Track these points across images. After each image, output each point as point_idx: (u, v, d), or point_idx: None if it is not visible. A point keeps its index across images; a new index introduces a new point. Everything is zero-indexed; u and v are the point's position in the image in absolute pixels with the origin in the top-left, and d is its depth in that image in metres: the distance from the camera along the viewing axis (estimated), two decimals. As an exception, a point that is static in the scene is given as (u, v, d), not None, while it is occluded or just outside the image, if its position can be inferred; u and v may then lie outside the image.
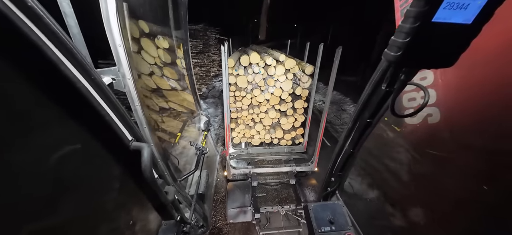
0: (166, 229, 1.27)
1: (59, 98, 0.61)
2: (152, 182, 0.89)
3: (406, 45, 0.54)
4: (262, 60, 3.14)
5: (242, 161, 3.61)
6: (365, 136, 1.07)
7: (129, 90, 1.18)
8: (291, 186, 3.32)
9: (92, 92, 0.65)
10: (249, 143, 3.94)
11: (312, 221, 1.24)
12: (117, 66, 1.11)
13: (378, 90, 0.83)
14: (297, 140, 3.85)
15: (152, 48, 1.67)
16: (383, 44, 0.58)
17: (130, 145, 0.84)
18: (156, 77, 1.73)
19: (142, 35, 1.51)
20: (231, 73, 3.09)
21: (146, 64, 1.61)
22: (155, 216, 1.25)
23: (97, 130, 0.74)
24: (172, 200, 1.14)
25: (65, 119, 0.64)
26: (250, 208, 2.92)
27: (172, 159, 1.82)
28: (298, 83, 3.30)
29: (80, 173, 0.73)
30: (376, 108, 0.89)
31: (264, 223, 3.40)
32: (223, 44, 2.54)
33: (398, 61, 0.59)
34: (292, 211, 3.01)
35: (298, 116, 3.59)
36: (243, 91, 3.27)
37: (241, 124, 3.66)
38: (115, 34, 1.02)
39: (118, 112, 0.78)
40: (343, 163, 1.30)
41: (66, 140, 0.66)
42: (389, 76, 0.73)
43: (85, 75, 0.63)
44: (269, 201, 3.11)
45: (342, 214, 1.28)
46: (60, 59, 0.55)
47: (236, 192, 3.11)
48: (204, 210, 2.14)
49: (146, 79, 1.56)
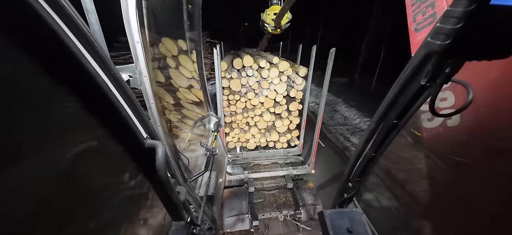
0: (177, 230, 1.26)
1: (80, 93, 0.61)
2: (166, 181, 0.89)
3: (456, 32, 0.46)
4: (255, 63, 3.09)
5: (238, 166, 3.51)
6: (389, 139, 0.98)
7: (145, 88, 1.20)
8: (289, 190, 3.26)
9: (111, 88, 0.66)
10: (244, 147, 3.85)
11: (328, 229, 1.14)
12: (134, 63, 1.13)
13: (409, 87, 0.74)
14: (293, 142, 3.81)
15: (173, 47, 1.68)
16: (373, 45, 0.51)
17: (145, 142, 0.83)
18: (173, 75, 1.75)
19: (161, 35, 1.54)
20: (224, 76, 3.01)
21: (164, 63, 1.62)
22: (166, 217, 1.25)
23: (114, 125, 0.74)
24: (184, 200, 1.14)
25: (84, 113, 0.65)
26: (247, 215, 2.82)
27: (183, 159, 1.77)
28: (292, 86, 3.28)
29: (97, 167, 0.73)
30: (406, 107, 0.80)
31: (263, 231, 3.30)
32: (215, 47, 2.47)
33: (445, 51, 0.51)
34: (290, 216, 2.94)
35: (293, 119, 3.56)
36: (237, 94, 3.20)
37: (235, 128, 3.57)
38: (133, 31, 1.04)
39: (135, 109, 0.78)
40: (363, 167, 1.20)
41: (85, 134, 0.67)
42: (430, 69, 0.63)
43: (105, 70, 0.64)
44: (267, 206, 3.02)
45: (361, 223, 1.18)
46: (82, 53, 0.55)
47: (233, 199, 2.99)
48: (213, 212, 2.10)
49: (162, 77, 1.56)
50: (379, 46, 8.99)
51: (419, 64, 0.68)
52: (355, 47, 10.22)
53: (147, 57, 1.15)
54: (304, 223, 3.03)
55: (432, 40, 0.54)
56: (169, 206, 1.18)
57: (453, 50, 0.51)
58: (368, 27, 9.54)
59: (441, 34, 0.50)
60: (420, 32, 1.37)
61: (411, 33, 1.45)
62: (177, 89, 1.92)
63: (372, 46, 9.52)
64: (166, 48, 1.65)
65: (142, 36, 1.09)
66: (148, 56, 1.19)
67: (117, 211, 0.86)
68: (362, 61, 10.20)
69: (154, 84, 1.29)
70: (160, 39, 1.55)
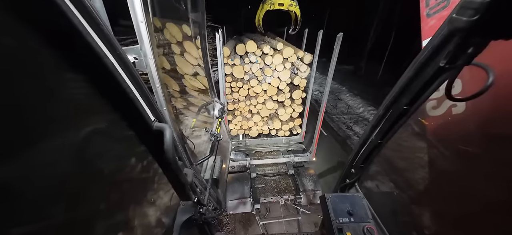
0: (184, 208, 1.34)
1: (87, 73, 0.60)
2: (174, 162, 0.91)
3: (487, 6, 0.42)
4: (258, 49, 3.00)
5: (240, 153, 3.58)
6: (398, 125, 0.95)
7: (151, 71, 1.17)
8: (290, 176, 3.35)
9: (118, 69, 0.64)
10: (247, 134, 3.89)
11: (330, 211, 1.19)
12: (139, 45, 1.10)
13: (426, 70, 0.69)
14: (295, 131, 3.83)
15: (177, 31, 1.63)
16: (381, 31, 0.47)
17: (153, 125, 0.84)
18: (178, 61, 1.73)
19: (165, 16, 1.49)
20: (227, 63, 2.95)
21: (168, 47, 1.60)
22: (174, 197, 1.32)
23: (122, 108, 0.74)
24: (191, 182, 1.18)
25: (92, 96, 0.64)
26: (249, 199, 2.94)
27: (189, 143, 1.84)
28: (296, 73, 3.21)
29: (107, 150, 0.75)
30: (419, 92, 0.76)
31: (264, 213, 3.46)
32: (218, 31, 2.39)
33: (472, 28, 0.47)
34: (291, 201, 3.05)
35: (296, 107, 3.54)
36: (239, 82, 3.16)
37: (238, 115, 3.58)
38: (137, 9, 1.00)
39: (142, 91, 0.77)
40: (367, 154, 1.20)
41: (95, 117, 0.67)
42: (452, 49, 0.58)
43: (111, 50, 0.62)
44: (268, 191, 3.13)
45: (362, 207, 1.22)
46: (87, 30, 0.53)
47: (235, 184, 3.11)
48: (218, 194, 2.21)
49: (166, 62, 1.54)
50: (389, 33, 8.54)
51: (440, 43, 0.62)
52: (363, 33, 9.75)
53: (151, 39, 1.12)
54: (304, 207, 3.16)
55: (457, 16, 0.50)
56: (177, 187, 1.22)
57: (481, 27, 0.47)
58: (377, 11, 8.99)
59: (469, 9, 0.46)
60: (432, 17, 1.31)
61: (423, 18, 1.39)
62: (183, 76, 1.91)
63: (380, 33, 9.06)
64: (170, 33, 1.61)
65: (146, 16, 1.05)
66: (153, 38, 1.16)
67: (129, 192, 0.89)
68: (369, 48, 9.79)
69: (160, 67, 1.27)
70: (164, 22, 1.50)
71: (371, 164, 1.30)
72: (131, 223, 0.91)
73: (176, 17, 1.68)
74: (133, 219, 0.92)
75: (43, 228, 0.51)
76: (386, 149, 1.16)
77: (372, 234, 1.11)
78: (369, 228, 1.13)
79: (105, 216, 0.75)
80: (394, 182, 1.27)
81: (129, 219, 0.90)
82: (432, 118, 1.03)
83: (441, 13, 1.25)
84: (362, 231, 1.13)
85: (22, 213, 0.46)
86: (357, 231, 1.13)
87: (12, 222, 0.44)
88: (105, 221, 0.75)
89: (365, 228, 1.13)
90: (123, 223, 0.86)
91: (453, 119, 0.95)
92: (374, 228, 1.14)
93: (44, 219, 0.51)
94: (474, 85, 0.59)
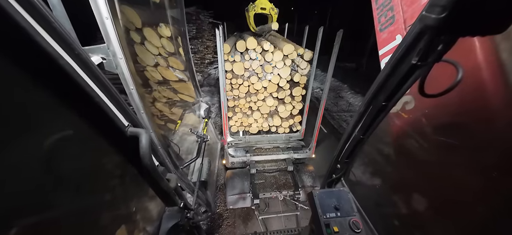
0: (170, 215, 1.29)
1: (39, 78, 0.53)
2: (152, 169, 0.86)
3: (454, 3, 0.44)
4: (259, 46, 3.01)
5: (240, 149, 3.62)
6: (378, 121, 1.00)
7: (122, 72, 1.06)
8: (289, 173, 3.39)
9: (77, 71, 0.57)
10: (246, 131, 3.92)
11: (317, 207, 1.23)
12: (106, 43, 0.98)
13: (400, 67, 0.72)
14: (295, 128, 3.85)
15: (153, 35, 1.55)
16: None
17: (127, 131, 0.78)
18: (143, 55, 1.63)
19: (134, 13, 1.37)
20: (227, 59, 2.96)
21: (142, 47, 1.49)
22: (158, 203, 1.25)
23: (88, 114, 0.67)
24: (175, 187, 1.12)
25: (50, 102, 0.57)
26: (249, 194, 2.99)
27: (173, 147, 1.79)
28: (296, 70, 3.21)
29: (74, 162, 0.68)
30: (395, 89, 0.79)
31: (263, 208, 3.52)
32: (218, 28, 2.39)
33: (440, 25, 0.48)
34: (290, 196, 3.10)
35: (296, 104, 3.55)
36: (240, 78, 3.17)
37: (238, 112, 3.61)
38: (100, 4, 0.89)
39: (111, 94, 0.71)
40: (351, 149, 1.25)
41: (54, 127, 0.60)
42: (422, 47, 0.60)
43: (68, 50, 0.55)
44: (267, 187, 3.18)
45: (347, 201, 1.27)
46: (35, 29, 0.46)
47: (235, 179, 3.15)
48: (207, 196, 2.19)
49: (144, 63, 1.46)
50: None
51: (412, 42, 0.65)
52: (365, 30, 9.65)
53: (120, 36, 1.00)
54: (303, 202, 3.21)
55: (427, 14, 0.51)
56: (160, 193, 1.16)
57: (449, 25, 0.49)
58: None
59: (437, 6, 0.48)
60: (384, 31, 1.62)
61: (377, 32, 1.71)
62: (164, 77, 1.83)
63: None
64: (130, 21, 1.40)
65: (111, 11, 0.92)
66: (122, 36, 1.04)
67: (105, 203, 0.83)
68: (371, 45, 9.69)
69: (133, 67, 1.15)
70: (135, 18, 1.35)
71: (355, 158, 1.35)
72: (111, 234, 0.85)
73: (150, 13, 1.53)
74: (113, 229, 0.87)
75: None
76: (368, 144, 1.21)
77: (357, 226, 1.16)
78: (354, 221, 1.18)
79: (77, 229, 0.69)
80: (376, 175, 1.32)
81: (109, 230, 0.85)
82: (395, 113, 1.12)
83: (389, 28, 1.55)
84: (348, 224, 1.17)
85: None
86: (344, 225, 1.17)
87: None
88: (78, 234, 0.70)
89: (350, 221, 1.18)
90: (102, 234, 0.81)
91: (407, 113, 1.04)
92: (359, 221, 1.19)
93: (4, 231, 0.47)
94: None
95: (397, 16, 1.46)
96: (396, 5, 1.46)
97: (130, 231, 1.00)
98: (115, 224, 0.90)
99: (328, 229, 1.16)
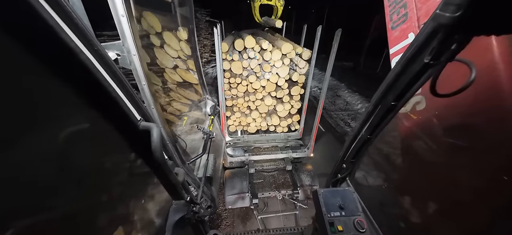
0: (177, 208, 1.32)
1: (62, 72, 0.55)
2: (163, 162, 0.88)
3: (469, 2, 0.43)
4: (257, 45, 2.98)
5: (239, 148, 3.61)
6: (386, 121, 0.98)
7: (135, 68, 1.11)
8: (288, 172, 3.39)
9: (96, 66, 0.59)
10: (245, 130, 3.91)
11: (321, 206, 1.22)
12: (122, 40, 1.04)
13: (412, 66, 0.71)
14: (293, 127, 3.85)
15: (157, 23, 1.56)
16: (382, 27, 0.49)
17: (139, 124, 0.81)
18: (162, 57, 1.66)
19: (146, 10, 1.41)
20: (225, 58, 2.93)
21: (151, 43, 1.52)
22: (166, 196, 1.29)
23: (104, 108, 0.70)
24: (182, 181, 1.16)
25: (70, 95, 0.59)
26: (248, 194, 2.98)
27: (180, 142, 1.81)
28: (295, 69, 3.20)
29: (89, 154, 0.71)
30: (406, 88, 0.78)
31: (262, 208, 3.52)
32: (216, 26, 2.36)
33: (455, 24, 0.47)
34: (288, 196, 3.10)
35: (295, 103, 3.55)
36: (238, 78, 3.15)
37: (236, 111, 3.59)
38: (117, 2, 0.95)
39: (125, 89, 0.73)
40: (358, 149, 1.23)
41: (73, 119, 0.63)
42: (436, 45, 0.58)
43: (88, 46, 0.57)
44: (266, 186, 3.18)
45: (352, 200, 1.25)
46: (60, 25, 0.47)
47: (234, 179, 3.14)
48: (212, 192, 2.21)
49: (151, 59, 1.49)
50: (388, 28, 8.50)
51: (425, 40, 0.64)
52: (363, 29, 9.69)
53: (135, 34, 1.06)
54: (301, 202, 3.22)
55: (441, 12, 0.51)
56: (168, 187, 1.20)
57: (464, 23, 0.47)
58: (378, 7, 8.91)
59: (451, 5, 0.47)
60: (396, 29, 1.56)
61: (389, 30, 1.63)
62: (185, 78, 1.86)
63: (381, 28, 9.02)
64: (154, 28, 1.52)
65: (127, 10, 0.99)
66: (136, 33, 1.11)
67: (117, 194, 0.87)
68: (369, 44, 9.76)
69: (145, 64, 1.22)
70: (149, 16, 1.42)
71: (361, 158, 1.33)
72: (120, 225, 0.89)
73: (161, 11, 1.61)
74: (123, 221, 0.91)
75: (21, 232, 0.48)
76: (375, 144, 1.20)
77: (362, 226, 1.15)
78: (359, 221, 1.17)
79: (90, 220, 0.72)
80: (382, 175, 1.32)
81: (119, 221, 0.88)
82: (401, 114, 1.11)
83: (401, 26, 1.49)
84: (352, 224, 1.17)
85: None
86: (348, 224, 1.16)
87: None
88: (90, 225, 0.73)
89: (355, 221, 1.17)
90: (112, 225, 0.85)
91: (417, 114, 1.03)
92: (364, 220, 1.17)
93: (23, 223, 0.49)
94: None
95: (410, 14, 1.40)
96: (409, 2, 1.38)
97: (137, 223, 1.03)
98: (124, 214, 0.93)
99: (332, 228, 1.14)
